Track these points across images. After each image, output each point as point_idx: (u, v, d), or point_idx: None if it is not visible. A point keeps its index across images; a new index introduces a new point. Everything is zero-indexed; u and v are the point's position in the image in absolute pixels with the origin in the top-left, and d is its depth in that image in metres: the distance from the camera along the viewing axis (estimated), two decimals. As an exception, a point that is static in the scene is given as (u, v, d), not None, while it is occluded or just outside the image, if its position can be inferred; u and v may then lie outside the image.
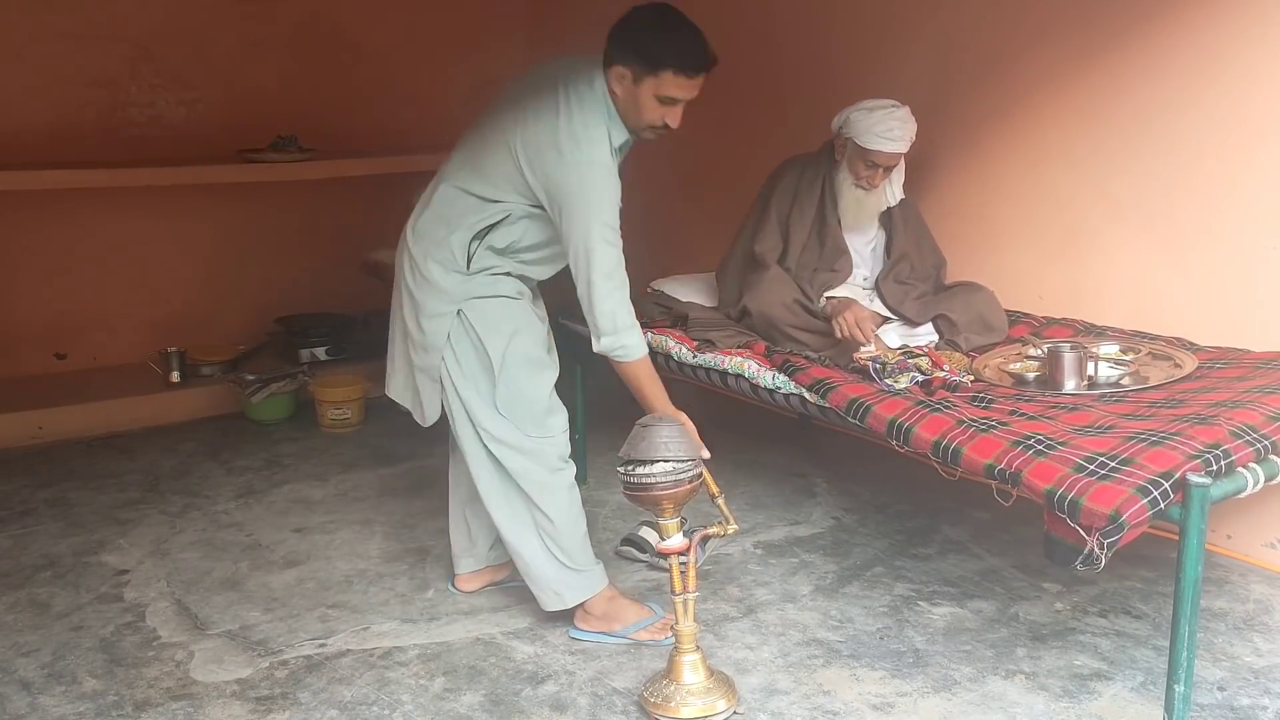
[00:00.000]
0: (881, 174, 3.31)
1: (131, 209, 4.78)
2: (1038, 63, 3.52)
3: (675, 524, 2.43)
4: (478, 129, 2.74)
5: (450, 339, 2.66)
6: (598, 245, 2.52)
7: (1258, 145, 3.04)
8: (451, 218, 2.67)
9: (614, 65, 2.55)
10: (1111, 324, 3.35)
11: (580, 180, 2.52)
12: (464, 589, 3.03)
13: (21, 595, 3.06)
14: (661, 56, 2.50)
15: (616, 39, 2.56)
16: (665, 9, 2.56)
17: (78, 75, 4.64)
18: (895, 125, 3.22)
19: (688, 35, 2.53)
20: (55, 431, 4.34)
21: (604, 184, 2.53)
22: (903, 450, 2.64)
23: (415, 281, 2.69)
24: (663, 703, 2.39)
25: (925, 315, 3.33)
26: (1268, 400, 2.52)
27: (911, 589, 3.02)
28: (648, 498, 2.39)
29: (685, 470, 2.38)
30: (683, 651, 2.43)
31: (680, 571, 2.42)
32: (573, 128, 2.53)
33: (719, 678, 2.46)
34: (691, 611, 2.43)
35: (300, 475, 3.99)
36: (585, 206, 2.52)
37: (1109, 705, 2.46)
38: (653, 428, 2.40)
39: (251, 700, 2.53)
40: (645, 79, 2.52)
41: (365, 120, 5.33)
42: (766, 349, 3.15)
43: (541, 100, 2.59)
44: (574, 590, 2.75)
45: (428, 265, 2.66)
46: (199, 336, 4.96)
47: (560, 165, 2.52)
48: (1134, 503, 2.14)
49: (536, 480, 2.69)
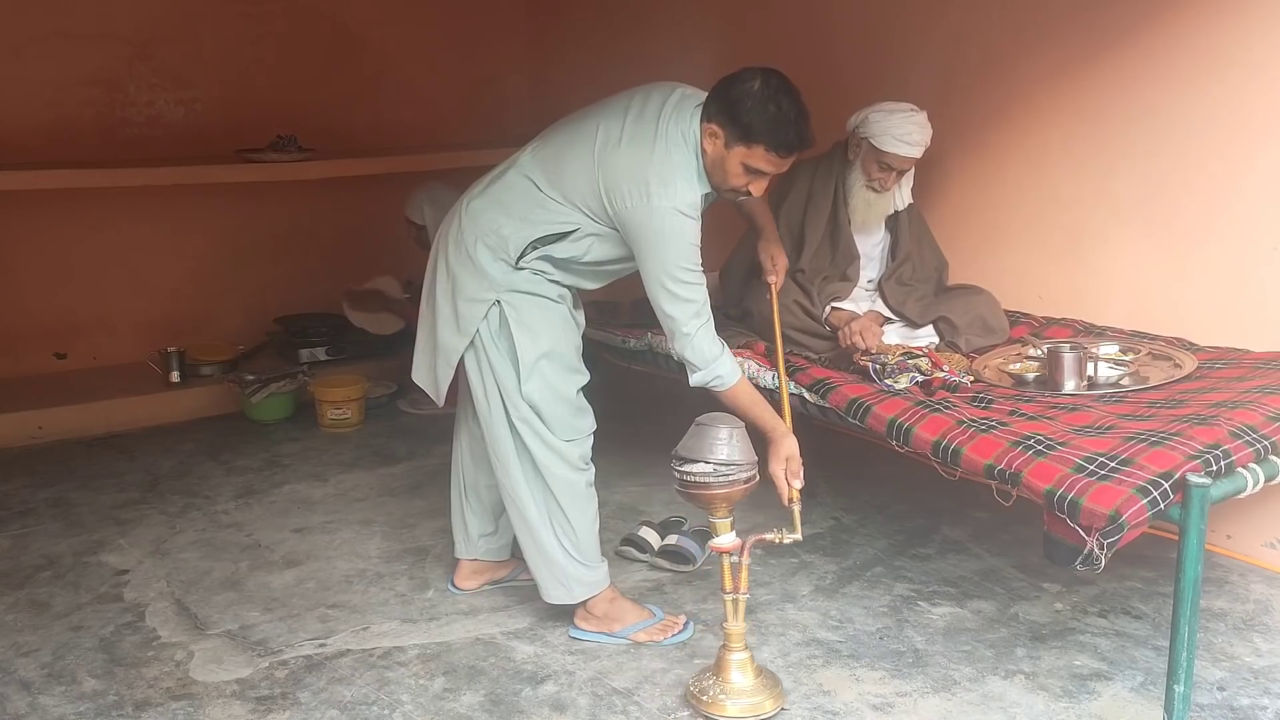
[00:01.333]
0: (894, 177, 3.31)
1: (131, 209, 4.78)
2: (1039, 63, 3.51)
3: (726, 523, 2.41)
4: (565, 130, 2.68)
5: (484, 327, 2.63)
6: (678, 288, 2.50)
7: (1259, 146, 3.04)
8: (513, 208, 2.62)
9: (709, 121, 2.48)
10: (1111, 324, 3.35)
11: (662, 225, 2.48)
12: (462, 586, 3.02)
13: (21, 595, 3.06)
14: (758, 130, 2.42)
15: (718, 97, 2.48)
16: (773, 78, 2.46)
17: (76, 75, 4.65)
18: (913, 129, 3.22)
19: (789, 113, 2.43)
20: (55, 431, 4.34)
21: (684, 230, 2.49)
22: (903, 450, 2.64)
23: (459, 260, 2.65)
24: (709, 700, 2.40)
25: (926, 317, 3.33)
26: (1268, 400, 2.52)
27: (911, 589, 3.02)
28: (696, 496, 2.37)
29: (736, 472, 2.35)
30: (732, 650, 2.42)
31: (731, 570, 2.41)
32: (664, 171, 2.48)
33: (767, 678, 2.45)
34: (741, 611, 2.42)
35: (300, 475, 3.99)
36: (664, 250, 2.49)
37: (1109, 705, 2.46)
38: (707, 427, 2.37)
39: (251, 700, 2.53)
40: (736, 146, 2.46)
41: (365, 120, 5.33)
42: (766, 349, 3.15)
43: (640, 130, 2.53)
44: (581, 585, 2.75)
45: (477, 248, 2.62)
46: (199, 336, 4.96)
47: (645, 207, 2.47)
48: (1134, 503, 2.14)
49: (558, 473, 2.68)
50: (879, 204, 3.36)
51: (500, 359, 2.64)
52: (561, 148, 2.63)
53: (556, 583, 2.75)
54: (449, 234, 2.70)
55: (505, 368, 2.64)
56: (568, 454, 2.68)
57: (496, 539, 3.00)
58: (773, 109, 2.42)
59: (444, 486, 3.10)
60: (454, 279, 2.66)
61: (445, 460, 3.03)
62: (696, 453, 2.35)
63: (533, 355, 2.62)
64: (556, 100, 5.60)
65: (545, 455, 2.67)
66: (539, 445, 2.66)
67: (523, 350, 2.62)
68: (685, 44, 4.67)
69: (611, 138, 2.55)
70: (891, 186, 3.34)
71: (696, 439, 2.36)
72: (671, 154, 2.50)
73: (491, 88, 5.66)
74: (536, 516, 2.71)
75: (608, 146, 2.54)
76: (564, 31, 5.58)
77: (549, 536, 2.72)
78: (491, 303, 2.62)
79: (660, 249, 2.50)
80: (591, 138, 2.58)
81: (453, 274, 2.66)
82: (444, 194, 4.61)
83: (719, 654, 2.45)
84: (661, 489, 3.74)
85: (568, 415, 2.68)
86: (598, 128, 2.58)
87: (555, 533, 2.72)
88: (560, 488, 2.69)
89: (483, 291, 2.62)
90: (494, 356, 2.64)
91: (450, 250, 2.68)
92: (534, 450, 2.67)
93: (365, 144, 5.24)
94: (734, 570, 2.42)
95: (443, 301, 2.69)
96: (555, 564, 2.73)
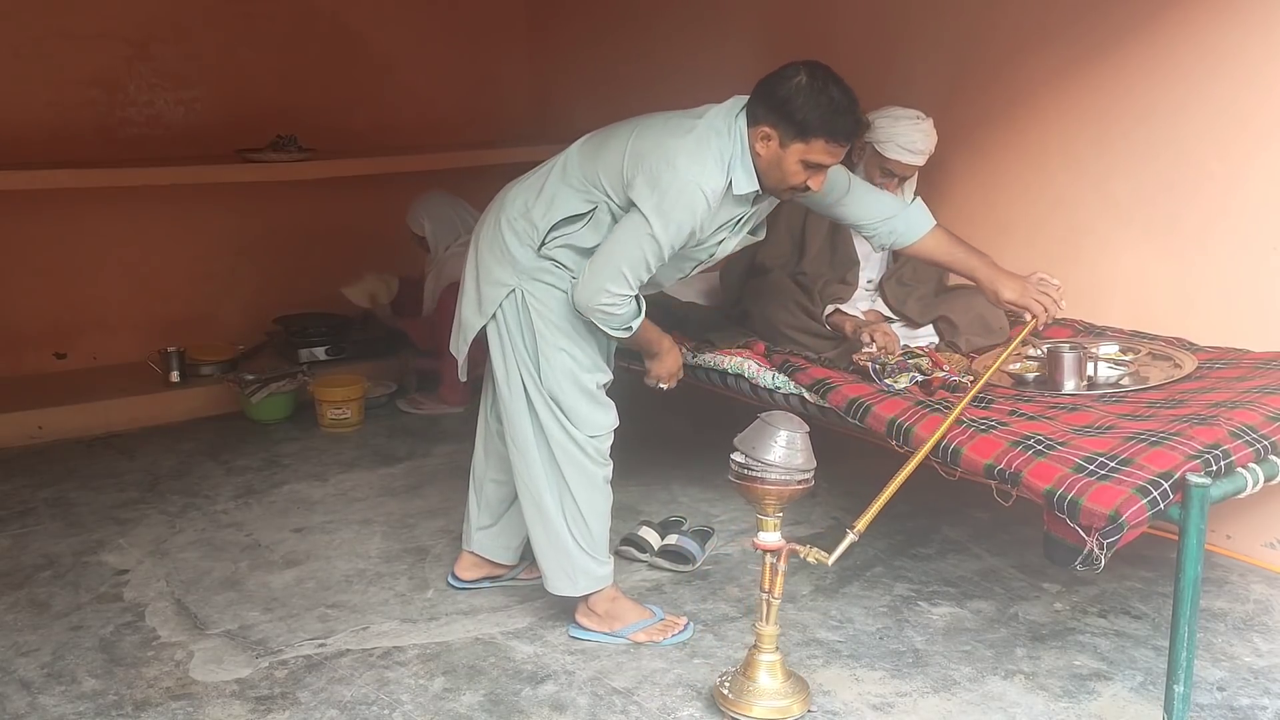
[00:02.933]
0: (897, 182, 3.31)
1: (131, 208, 4.78)
2: (1041, 64, 3.52)
3: (773, 521, 2.40)
4: (615, 125, 2.67)
5: (503, 311, 2.65)
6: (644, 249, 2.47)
7: (1260, 146, 3.04)
8: (543, 191, 2.64)
9: (760, 125, 2.46)
10: (1111, 324, 3.35)
11: (671, 186, 2.43)
12: (461, 575, 3.02)
13: (21, 595, 3.06)
14: (815, 124, 2.40)
15: (766, 98, 2.45)
16: (818, 69, 2.44)
17: (75, 75, 4.64)
18: (919, 137, 3.21)
19: (841, 101, 2.41)
20: (55, 431, 4.34)
21: (693, 205, 2.45)
22: (903, 450, 2.63)
23: (488, 242, 2.69)
24: (737, 699, 2.39)
25: (926, 316, 3.33)
26: (1267, 400, 2.52)
27: (911, 589, 3.02)
28: (748, 490, 2.36)
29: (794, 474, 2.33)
30: (762, 651, 2.42)
31: (771, 571, 2.40)
32: (697, 151, 2.46)
33: (795, 681, 2.45)
34: (774, 613, 2.41)
35: (300, 475, 3.98)
36: (661, 210, 2.44)
37: (1108, 705, 2.46)
38: (769, 427, 2.35)
39: (251, 700, 2.53)
40: (793, 144, 2.43)
41: (365, 120, 5.33)
42: (766, 349, 3.15)
43: (682, 120, 2.53)
44: (587, 578, 2.74)
45: (505, 232, 2.66)
46: (198, 336, 4.95)
47: (668, 172, 2.44)
48: (1133, 503, 2.14)
49: (576, 462, 2.69)
50: None
51: (522, 344, 2.67)
52: (604, 138, 2.65)
53: (563, 573, 2.75)
54: (485, 218, 2.76)
55: (526, 353, 2.67)
56: (586, 447, 2.69)
57: (494, 536, 2.99)
58: (825, 100, 2.40)
59: (444, 486, 3.11)
60: (480, 261, 2.71)
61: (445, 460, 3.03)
62: (753, 448, 2.33)
63: (553, 346, 2.64)
64: (557, 100, 5.62)
65: (564, 443, 2.68)
66: (559, 432, 2.67)
67: (543, 340, 2.64)
68: (686, 45, 4.68)
69: (654, 123, 2.56)
70: (895, 191, 3.34)
71: (758, 434, 2.35)
72: (709, 139, 2.48)
73: (491, 88, 5.66)
74: (551, 504, 2.71)
75: (647, 128, 2.55)
76: (564, 32, 5.58)
77: (561, 525, 2.72)
78: (512, 289, 2.64)
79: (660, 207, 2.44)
80: (633, 126, 2.59)
81: (480, 256, 2.71)
82: (441, 204, 4.65)
83: (749, 654, 2.44)
84: (661, 489, 3.74)
85: (587, 409, 2.68)
86: (643, 119, 2.60)
87: (567, 522, 2.72)
88: (576, 477, 2.69)
89: (506, 275, 2.65)
90: (516, 340, 2.67)
91: (483, 233, 2.74)
92: (553, 436, 2.67)
93: (365, 144, 5.23)
94: (773, 572, 2.40)
95: (469, 282, 2.75)
96: (565, 553, 2.73)
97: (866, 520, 2.40)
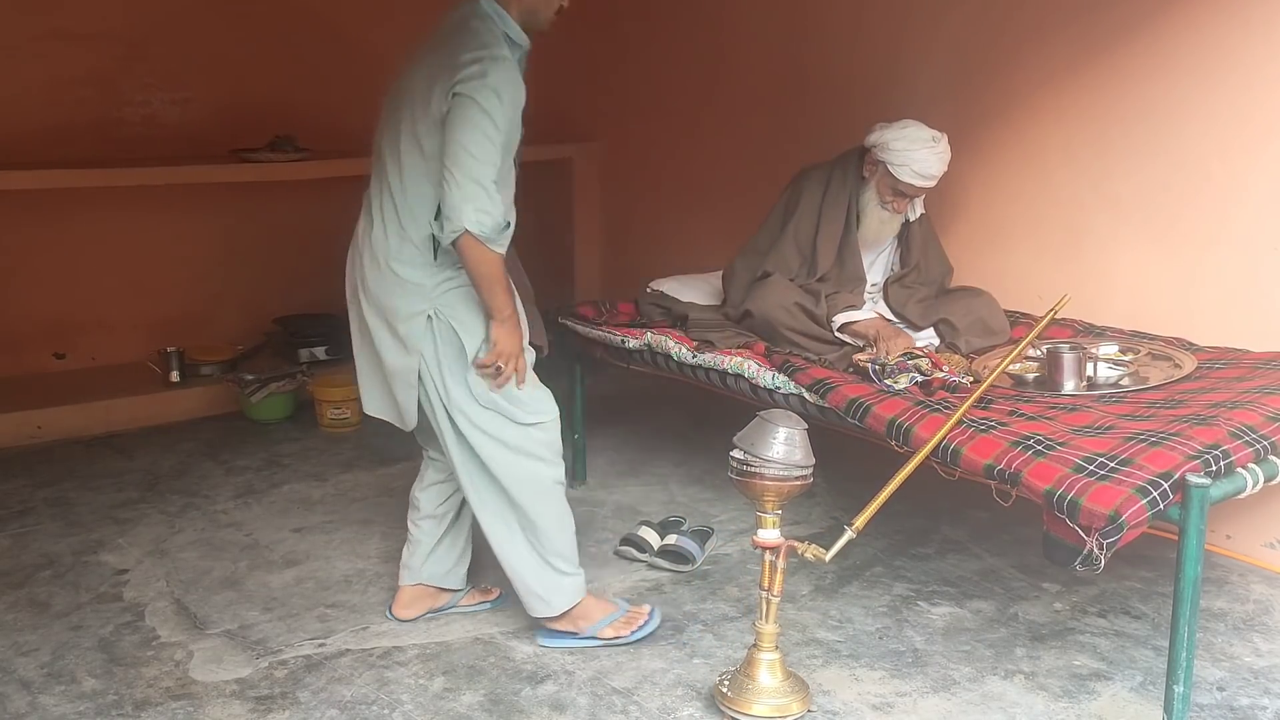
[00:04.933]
0: (908, 201, 3.31)
1: (129, 209, 4.77)
2: (1040, 62, 3.52)
3: (773, 518, 2.40)
4: (389, 122, 2.72)
5: (427, 337, 2.58)
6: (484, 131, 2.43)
7: (1260, 146, 3.04)
8: (401, 212, 2.59)
9: None
10: (1111, 324, 3.35)
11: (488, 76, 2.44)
12: (400, 615, 2.88)
13: (21, 595, 3.05)
14: None
15: None
16: None
17: (71, 75, 4.63)
18: (935, 163, 3.20)
19: None
20: (54, 431, 4.34)
21: (510, 80, 2.48)
22: (903, 450, 2.63)
23: (384, 289, 2.60)
24: (736, 698, 2.39)
25: (928, 319, 3.33)
26: (1267, 400, 2.52)
27: (911, 589, 3.02)
28: (748, 486, 2.36)
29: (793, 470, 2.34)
30: (762, 649, 2.42)
31: (770, 569, 2.40)
32: (479, 39, 2.49)
33: (795, 680, 2.45)
34: (774, 612, 2.41)
35: (299, 475, 3.99)
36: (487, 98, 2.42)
37: (1108, 705, 2.47)
38: (769, 424, 2.36)
39: (251, 700, 2.53)
40: None
41: (363, 120, 5.30)
42: (766, 349, 3.15)
43: (437, 55, 2.54)
44: (562, 594, 2.71)
45: (398, 270, 2.58)
46: (198, 336, 4.95)
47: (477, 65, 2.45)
48: (1133, 503, 2.14)
49: (521, 477, 2.63)
50: (892, 222, 3.37)
51: (442, 374, 2.59)
52: (393, 121, 2.70)
53: (537, 598, 2.71)
54: (361, 284, 2.67)
55: (450, 381, 2.59)
56: (530, 447, 2.62)
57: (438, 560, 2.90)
58: None
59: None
60: (384, 311, 2.62)
61: (445, 460, 3.03)
62: (753, 445, 2.34)
63: (477, 342, 2.57)
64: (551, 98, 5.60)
65: (504, 460, 2.61)
66: (496, 449, 2.60)
67: (469, 346, 2.57)
68: (687, 44, 4.69)
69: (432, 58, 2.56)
70: (905, 209, 3.34)
71: (757, 431, 2.35)
72: (478, 30, 2.52)
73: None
74: (505, 533, 2.67)
75: (429, 65, 2.56)
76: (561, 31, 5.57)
77: (522, 552, 2.68)
78: (427, 313, 2.57)
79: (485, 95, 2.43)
80: (409, 81, 2.62)
81: (382, 307, 2.62)
82: None
83: (749, 653, 2.44)
84: (661, 489, 3.74)
85: (529, 390, 2.63)
86: (408, 73, 2.63)
87: (530, 545, 2.67)
88: (523, 492, 2.63)
89: (417, 304, 2.58)
90: (437, 373, 2.59)
91: (369, 290, 2.64)
92: (491, 459, 2.61)
93: (363, 144, 5.21)
94: (772, 569, 2.41)
95: (381, 336, 2.64)
96: (532, 579, 2.69)
97: (865, 518, 2.40)
